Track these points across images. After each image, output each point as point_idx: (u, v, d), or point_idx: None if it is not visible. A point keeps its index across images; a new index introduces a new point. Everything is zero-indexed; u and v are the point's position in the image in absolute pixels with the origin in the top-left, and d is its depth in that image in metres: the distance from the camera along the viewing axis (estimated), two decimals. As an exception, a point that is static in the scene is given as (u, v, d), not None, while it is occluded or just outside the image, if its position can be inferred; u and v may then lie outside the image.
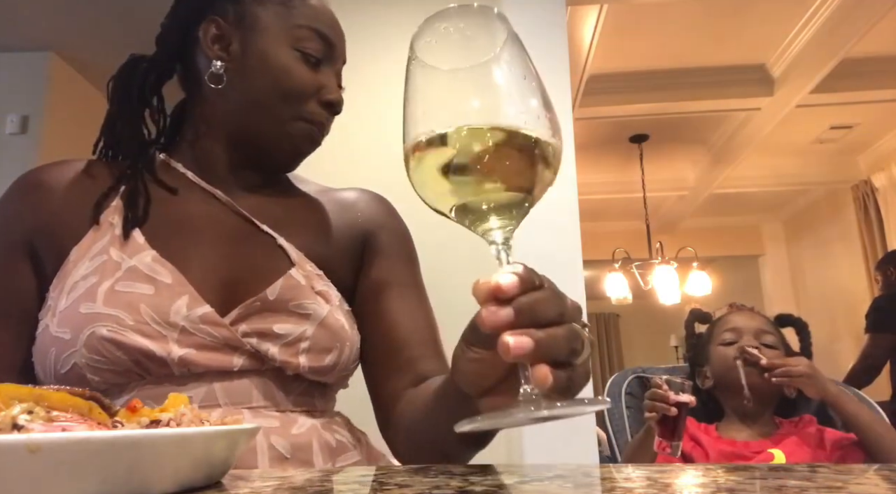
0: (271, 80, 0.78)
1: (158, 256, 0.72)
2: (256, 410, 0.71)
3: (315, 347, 0.73)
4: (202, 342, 0.69)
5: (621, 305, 5.89)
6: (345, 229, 0.85)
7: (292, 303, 0.73)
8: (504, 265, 0.45)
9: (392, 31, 2.15)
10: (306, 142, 0.82)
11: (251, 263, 0.76)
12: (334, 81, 0.83)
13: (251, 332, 0.71)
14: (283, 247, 0.78)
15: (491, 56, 0.45)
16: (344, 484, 0.39)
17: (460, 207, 0.46)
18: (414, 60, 0.46)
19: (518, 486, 0.37)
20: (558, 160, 0.46)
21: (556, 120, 0.45)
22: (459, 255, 1.93)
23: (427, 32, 0.47)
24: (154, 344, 0.67)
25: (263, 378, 0.72)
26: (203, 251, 0.76)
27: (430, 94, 0.45)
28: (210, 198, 0.80)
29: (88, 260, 0.72)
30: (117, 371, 0.67)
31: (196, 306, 0.70)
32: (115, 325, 0.66)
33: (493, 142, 0.43)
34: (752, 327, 1.40)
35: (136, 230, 0.74)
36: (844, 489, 0.33)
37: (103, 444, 0.31)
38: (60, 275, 0.73)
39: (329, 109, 0.82)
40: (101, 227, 0.75)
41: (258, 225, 0.79)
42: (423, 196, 0.47)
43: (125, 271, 0.70)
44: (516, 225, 0.46)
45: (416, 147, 0.45)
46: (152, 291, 0.69)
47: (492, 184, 0.44)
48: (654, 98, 3.98)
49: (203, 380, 0.69)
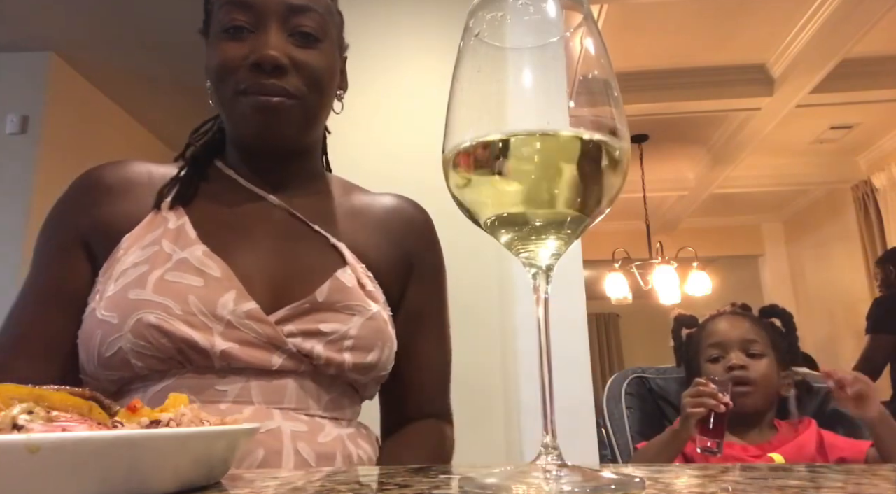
0: (212, 71, 0.78)
1: (209, 251, 0.73)
2: (286, 411, 0.71)
3: (359, 344, 0.74)
4: (245, 337, 0.70)
5: (621, 305, 5.88)
6: (394, 241, 0.86)
7: (340, 304, 0.74)
8: (541, 295, 0.39)
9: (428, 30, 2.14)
10: (257, 114, 0.76)
11: (302, 262, 0.77)
12: (263, 39, 0.76)
13: (297, 332, 0.72)
14: (336, 246, 0.79)
15: (561, 37, 0.38)
16: (344, 484, 0.39)
17: (503, 220, 0.39)
18: (474, 37, 0.39)
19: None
20: (626, 170, 0.39)
21: (624, 119, 0.39)
22: (459, 253, 1.92)
23: (490, 5, 0.39)
24: (199, 335, 0.68)
25: (300, 379, 0.73)
26: (253, 249, 0.76)
27: (483, 80, 0.38)
28: (261, 199, 0.81)
29: (140, 249, 0.73)
30: (160, 358, 0.67)
31: (243, 301, 0.70)
32: (162, 313, 0.67)
33: (555, 147, 0.37)
34: (737, 338, 1.36)
35: (188, 224, 0.75)
36: (844, 489, 0.33)
37: (103, 444, 0.31)
38: (110, 262, 0.73)
39: (256, 69, 0.75)
40: (155, 219, 0.76)
41: (310, 224, 0.80)
42: (462, 199, 0.40)
43: (176, 262, 0.71)
44: (566, 248, 0.40)
45: (461, 147, 0.38)
46: (201, 283, 0.70)
47: (547, 196, 0.37)
48: (654, 98, 3.98)
49: (241, 376, 0.70)
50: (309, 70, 0.77)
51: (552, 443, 0.37)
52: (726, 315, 1.44)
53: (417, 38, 2.14)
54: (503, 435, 1.84)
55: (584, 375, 1.88)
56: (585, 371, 1.89)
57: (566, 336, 1.86)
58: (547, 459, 0.37)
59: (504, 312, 1.92)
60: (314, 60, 0.78)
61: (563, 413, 0.41)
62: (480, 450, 1.80)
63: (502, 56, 0.39)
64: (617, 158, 0.38)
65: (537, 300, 0.40)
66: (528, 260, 0.40)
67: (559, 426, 0.38)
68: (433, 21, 2.12)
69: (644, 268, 5.12)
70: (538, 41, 0.39)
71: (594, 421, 1.83)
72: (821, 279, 5.81)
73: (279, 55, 0.75)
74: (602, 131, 0.38)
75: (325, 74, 0.79)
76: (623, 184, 0.39)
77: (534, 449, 0.38)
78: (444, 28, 2.08)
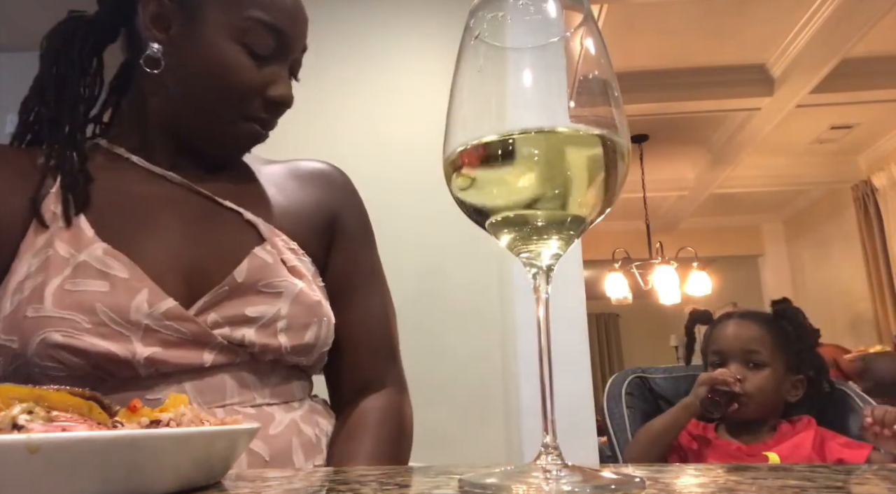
0: (210, 76, 0.71)
1: (110, 248, 0.65)
2: (230, 408, 0.66)
3: (293, 325, 0.69)
4: (169, 339, 0.64)
5: (621, 305, 5.88)
6: (313, 205, 0.81)
7: (262, 283, 0.69)
8: (542, 295, 0.40)
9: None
10: (249, 140, 0.76)
11: (216, 243, 0.71)
12: (284, 75, 0.75)
13: (222, 321, 0.66)
14: (251, 221, 0.73)
15: (562, 37, 0.38)
16: (344, 484, 0.39)
17: (504, 220, 0.39)
18: (474, 37, 0.39)
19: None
20: (626, 170, 0.39)
21: (624, 119, 0.39)
22: (459, 253, 1.93)
23: (490, 4, 0.39)
24: (116, 346, 0.61)
25: (238, 371, 0.68)
26: (160, 237, 0.69)
27: (485, 80, 0.38)
28: (161, 180, 0.74)
29: (32, 256, 0.65)
30: (76, 376, 0.61)
31: (158, 301, 0.64)
32: (68, 329, 0.60)
33: (556, 146, 0.37)
34: (738, 348, 1.34)
35: (82, 220, 0.67)
36: (844, 489, 0.33)
37: (103, 444, 0.31)
38: (9, 273, 0.66)
39: (274, 108, 0.75)
40: (41, 220, 0.68)
41: (220, 201, 0.74)
42: (463, 200, 0.40)
43: (74, 267, 0.64)
44: (566, 248, 0.40)
45: (461, 148, 0.38)
46: (107, 288, 0.63)
47: (548, 196, 0.37)
48: (654, 98, 3.98)
49: (171, 380, 0.65)
50: (287, 107, 0.77)
51: (552, 443, 0.37)
52: (735, 318, 1.41)
53: (417, 38, 2.14)
54: (503, 435, 1.84)
55: (584, 375, 1.88)
56: (585, 371, 1.89)
57: (566, 336, 1.86)
58: (547, 459, 0.37)
59: (504, 312, 1.92)
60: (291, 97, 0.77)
61: (563, 414, 0.40)
62: (480, 450, 1.80)
63: (503, 56, 0.39)
64: (617, 158, 0.38)
65: (537, 300, 0.40)
66: (528, 261, 0.40)
67: (559, 426, 0.38)
68: (433, 21, 2.12)
69: (644, 268, 5.12)
70: (538, 41, 0.39)
71: (594, 421, 1.83)
72: (821, 279, 5.81)
73: (292, 99, 0.76)
74: (602, 131, 0.38)
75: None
76: (623, 183, 0.39)
77: (534, 449, 0.38)
78: (444, 28, 2.08)
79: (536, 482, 0.35)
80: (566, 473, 0.35)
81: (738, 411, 1.30)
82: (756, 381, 1.31)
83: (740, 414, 1.31)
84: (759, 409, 1.31)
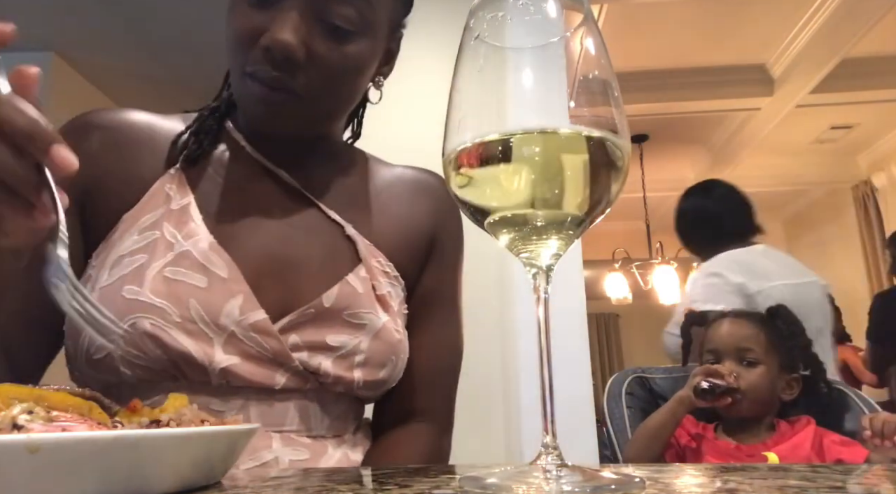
0: (228, 36, 0.66)
1: (216, 243, 0.65)
2: (287, 436, 0.65)
3: (371, 361, 0.68)
4: (249, 351, 0.63)
5: (621, 305, 5.88)
6: (416, 223, 0.78)
7: (347, 312, 0.67)
8: (542, 295, 0.40)
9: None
10: (259, 104, 0.66)
11: (313, 258, 0.69)
12: (286, 18, 0.63)
13: (302, 345, 0.65)
14: (351, 237, 0.72)
15: (562, 37, 0.38)
16: (344, 484, 0.39)
17: (504, 220, 0.39)
18: (474, 37, 0.39)
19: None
20: (626, 170, 0.39)
21: (624, 119, 0.39)
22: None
23: (490, 4, 0.39)
24: (197, 347, 0.61)
25: (303, 400, 0.66)
26: (262, 239, 0.68)
27: (485, 80, 0.38)
28: (272, 176, 0.72)
29: (138, 232, 0.65)
30: (153, 369, 0.61)
31: (250, 310, 0.63)
32: (159, 319, 0.60)
33: (556, 146, 0.37)
34: (732, 346, 1.36)
35: (192, 206, 0.67)
36: (844, 489, 0.33)
37: (103, 444, 0.31)
38: (105, 244, 0.66)
39: (268, 57, 0.63)
40: (157, 194, 0.67)
41: (326, 211, 0.72)
42: (463, 199, 0.40)
43: (177, 254, 0.63)
44: (566, 248, 0.40)
45: (462, 147, 0.38)
46: (205, 284, 0.62)
47: (548, 196, 0.37)
48: (654, 98, 3.98)
49: (240, 396, 0.63)
50: (329, 68, 0.65)
51: (552, 443, 0.37)
52: (729, 318, 1.43)
53: (417, 37, 2.13)
54: (503, 435, 1.84)
55: (584, 375, 1.89)
56: (585, 371, 1.89)
57: (566, 336, 1.86)
58: (547, 459, 0.36)
59: (504, 312, 1.92)
60: (338, 58, 0.65)
61: (563, 414, 0.40)
62: (480, 450, 1.80)
63: (503, 56, 0.39)
64: (617, 158, 0.38)
65: (537, 300, 0.40)
66: (528, 260, 0.40)
67: (559, 426, 0.38)
68: (433, 21, 2.12)
69: (644, 268, 5.12)
70: (538, 41, 0.39)
71: (594, 421, 1.83)
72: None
73: (294, 45, 0.62)
74: (602, 131, 0.37)
75: (349, 73, 0.68)
76: (623, 183, 0.39)
77: (534, 449, 0.38)
78: (444, 28, 2.07)
79: (536, 482, 0.35)
80: (566, 473, 0.35)
81: (733, 407, 1.30)
82: (750, 379, 1.32)
83: (735, 412, 1.31)
84: (754, 406, 1.32)
